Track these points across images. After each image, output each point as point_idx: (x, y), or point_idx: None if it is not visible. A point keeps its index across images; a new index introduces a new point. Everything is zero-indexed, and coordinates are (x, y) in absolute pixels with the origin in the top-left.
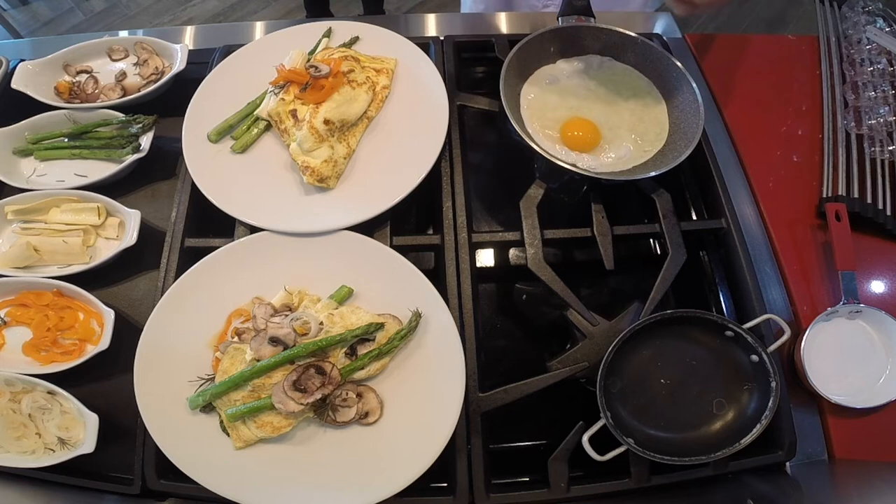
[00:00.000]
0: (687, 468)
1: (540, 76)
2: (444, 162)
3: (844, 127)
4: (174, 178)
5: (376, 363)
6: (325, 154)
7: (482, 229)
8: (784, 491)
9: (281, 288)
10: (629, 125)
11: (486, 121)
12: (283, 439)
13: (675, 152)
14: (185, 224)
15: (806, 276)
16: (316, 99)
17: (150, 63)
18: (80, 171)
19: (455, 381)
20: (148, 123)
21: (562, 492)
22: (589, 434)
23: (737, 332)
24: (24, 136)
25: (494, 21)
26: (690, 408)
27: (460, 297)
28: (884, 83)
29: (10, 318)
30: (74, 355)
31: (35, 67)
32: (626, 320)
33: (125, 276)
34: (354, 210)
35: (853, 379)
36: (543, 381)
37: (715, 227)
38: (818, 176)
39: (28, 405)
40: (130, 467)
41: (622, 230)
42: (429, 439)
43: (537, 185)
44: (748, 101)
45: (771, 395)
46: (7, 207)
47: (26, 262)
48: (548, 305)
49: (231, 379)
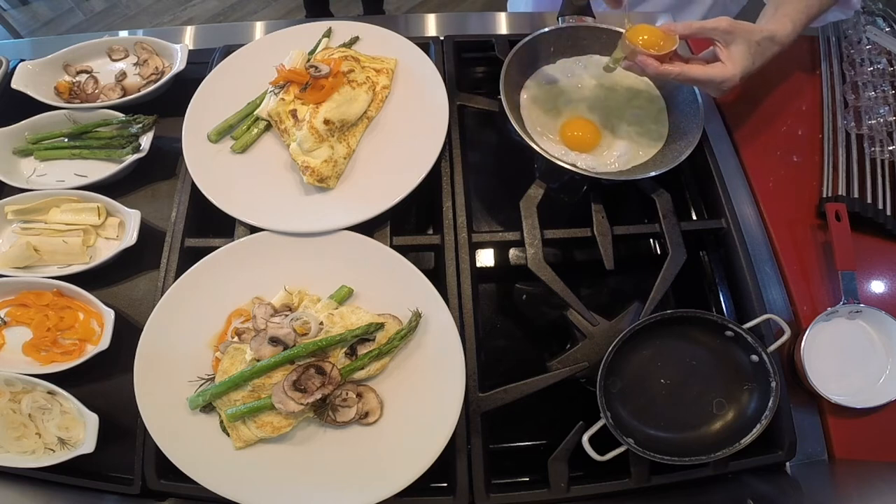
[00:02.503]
0: (687, 468)
1: (540, 76)
2: (444, 162)
3: (844, 127)
4: (174, 178)
5: (376, 363)
6: (325, 154)
7: (482, 229)
8: (784, 491)
9: (281, 288)
10: (629, 125)
11: (486, 121)
12: (283, 439)
13: (675, 152)
14: (185, 224)
15: (806, 276)
16: (316, 99)
17: (150, 63)
18: (80, 171)
19: (455, 381)
20: (148, 123)
21: (562, 492)
22: (589, 434)
23: (737, 332)
24: (24, 136)
25: (494, 21)
26: (690, 408)
27: (460, 297)
28: (884, 83)
29: (10, 318)
30: (74, 355)
31: (35, 67)
32: (626, 320)
33: (125, 276)
34: (354, 210)
35: (853, 379)
36: (543, 381)
37: (715, 227)
38: (818, 176)
39: (28, 405)
40: (130, 467)
41: (622, 230)
42: (429, 439)
43: (537, 185)
44: (748, 102)
45: (771, 395)
46: (7, 207)
47: (26, 262)
48: (548, 305)
49: (231, 379)
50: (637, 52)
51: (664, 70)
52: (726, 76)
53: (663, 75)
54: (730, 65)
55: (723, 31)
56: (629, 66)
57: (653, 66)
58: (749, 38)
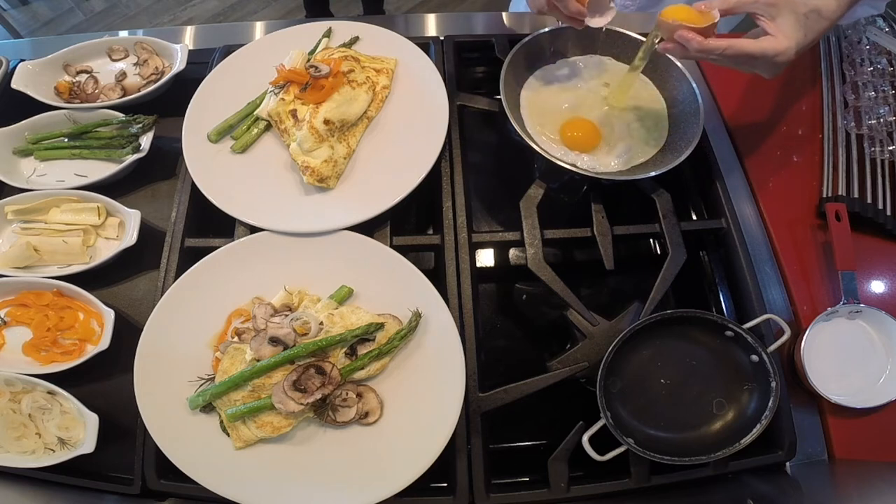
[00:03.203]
0: (687, 468)
1: (540, 76)
2: (444, 162)
3: (844, 127)
4: (174, 178)
5: (376, 363)
6: (325, 154)
7: (482, 229)
8: (784, 491)
9: (281, 288)
10: (629, 125)
11: (486, 121)
12: (283, 439)
13: (675, 152)
14: (185, 224)
15: (806, 276)
16: (316, 99)
17: (150, 63)
18: (80, 171)
19: (455, 381)
20: (148, 123)
21: (562, 492)
22: (589, 434)
23: (737, 332)
24: (24, 136)
25: (494, 21)
26: (690, 408)
27: (460, 297)
28: (884, 83)
29: (10, 318)
30: (74, 355)
31: (35, 67)
32: (626, 320)
33: (125, 276)
34: (354, 210)
35: (853, 379)
36: (543, 381)
37: (715, 227)
38: (818, 176)
39: (28, 405)
40: (130, 467)
41: (622, 230)
42: (429, 439)
43: (537, 185)
44: (748, 101)
45: (771, 395)
46: (7, 207)
47: (26, 262)
48: (548, 305)
49: (231, 379)
50: (677, 27)
51: (710, 45)
52: (780, 49)
53: (708, 50)
54: (781, 37)
55: (765, 4)
56: (666, 48)
57: (696, 40)
58: (795, 9)
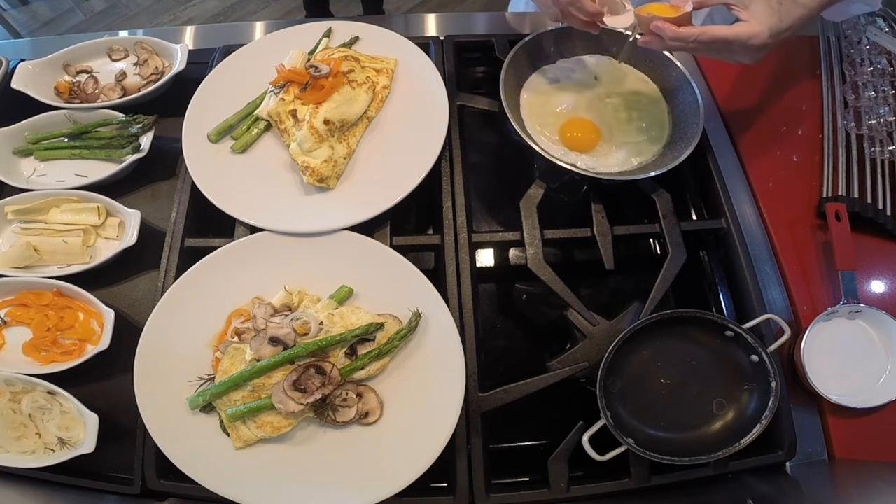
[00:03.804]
0: (687, 468)
1: (540, 76)
2: (444, 162)
3: (844, 127)
4: (174, 178)
5: (376, 363)
6: (325, 154)
7: (482, 229)
8: (784, 491)
9: (281, 288)
10: (629, 125)
11: (486, 121)
12: (283, 439)
13: (675, 152)
14: (185, 224)
15: (806, 276)
16: (316, 99)
17: (150, 63)
18: (80, 171)
19: (455, 381)
20: (148, 123)
21: (562, 492)
22: (589, 434)
23: (737, 332)
24: (24, 136)
25: (494, 21)
26: (690, 408)
27: (460, 297)
28: (884, 83)
29: (10, 318)
30: (74, 355)
31: (35, 67)
32: (626, 320)
33: (125, 276)
34: (354, 210)
35: (853, 379)
36: (543, 381)
37: (715, 227)
38: (818, 176)
39: (28, 405)
40: (130, 467)
41: (622, 230)
42: (429, 439)
43: (537, 185)
44: (748, 101)
45: (771, 395)
46: (7, 207)
47: (26, 262)
48: (548, 305)
49: (231, 379)
50: (651, 18)
51: (684, 32)
52: (752, 32)
53: (683, 38)
54: (754, 21)
55: None
56: (645, 42)
57: (670, 29)
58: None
